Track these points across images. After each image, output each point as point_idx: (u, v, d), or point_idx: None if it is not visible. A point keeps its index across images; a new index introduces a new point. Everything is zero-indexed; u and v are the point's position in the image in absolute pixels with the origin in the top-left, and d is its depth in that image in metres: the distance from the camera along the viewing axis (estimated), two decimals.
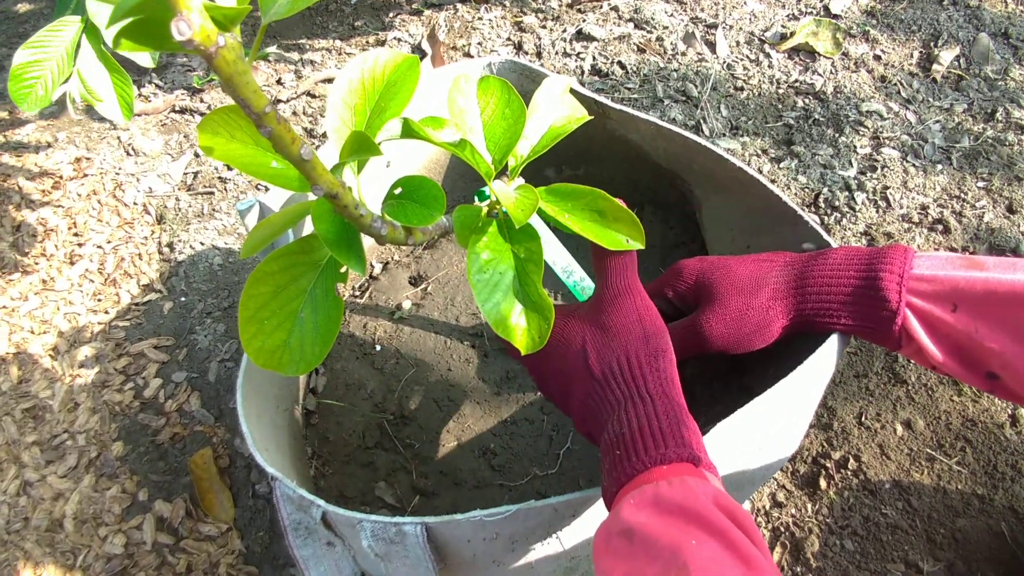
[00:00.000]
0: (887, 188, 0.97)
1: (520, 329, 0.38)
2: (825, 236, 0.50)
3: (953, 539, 0.70)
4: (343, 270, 0.36)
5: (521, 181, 0.43)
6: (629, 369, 0.38)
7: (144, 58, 0.87)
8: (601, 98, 0.57)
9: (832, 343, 0.44)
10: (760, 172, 0.99)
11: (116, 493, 0.77)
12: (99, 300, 0.97)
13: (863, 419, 0.78)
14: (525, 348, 0.39)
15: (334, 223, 0.34)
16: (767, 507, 0.73)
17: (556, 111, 0.43)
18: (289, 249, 0.36)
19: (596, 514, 0.41)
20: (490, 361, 0.62)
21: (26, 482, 0.79)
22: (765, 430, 0.44)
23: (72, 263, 1.01)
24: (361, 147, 0.33)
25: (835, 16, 1.21)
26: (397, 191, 0.36)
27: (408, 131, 0.37)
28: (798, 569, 0.69)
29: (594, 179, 0.65)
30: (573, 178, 0.53)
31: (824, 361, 0.44)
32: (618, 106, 0.56)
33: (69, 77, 0.83)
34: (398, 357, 0.63)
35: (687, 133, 0.54)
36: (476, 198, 0.45)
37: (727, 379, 0.59)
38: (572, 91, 0.58)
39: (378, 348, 0.63)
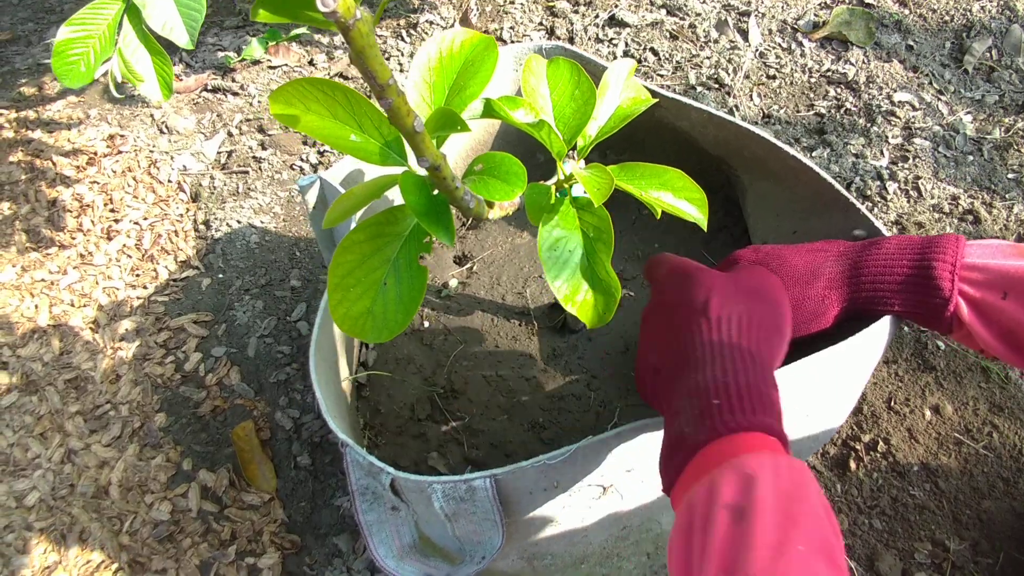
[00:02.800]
0: (919, 178, 0.97)
1: (587, 305, 0.39)
2: (876, 224, 0.51)
3: (978, 519, 0.72)
4: (426, 240, 0.37)
5: (581, 164, 0.44)
6: (748, 326, 0.37)
7: (183, 38, 0.88)
8: (653, 86, 0.58)
9: (885, 323, 0.45)
10: None
11: (161, 462, 0.79)
12: (137, 275, 0.99)
13: (892, 404, 0.79)
14: (590, 323, 0.40)
15: (422, 195, 0.35)
16: None
17: (623, 94, 0.44)
18: (375, 220, 0.37)
19: (648, 473, 0.43)
20: (537, 339, 0.63)
21: (70, 450, 0.82)
22: (813, 394, 0.45)
23: (110, 238, 1.03)
24: (447, 123, 0.34)
25: (868, 5, 1.21)
26: (478, 167, 0.37)
27: (489, 111, 0.38)
28: None
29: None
30: (618, 163, 0.54)
31: (876, 337, 0.45)
32: (671, 95, 0.57)
33: (110, 56, 0.84)
34: (446, 334, 0.64)
35: (740, 121, 0.55)
36: None
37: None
38: None
39: (426, 324, 0.65)
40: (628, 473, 0.42)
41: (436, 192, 0.36)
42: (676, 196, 0.41)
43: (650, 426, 0.40)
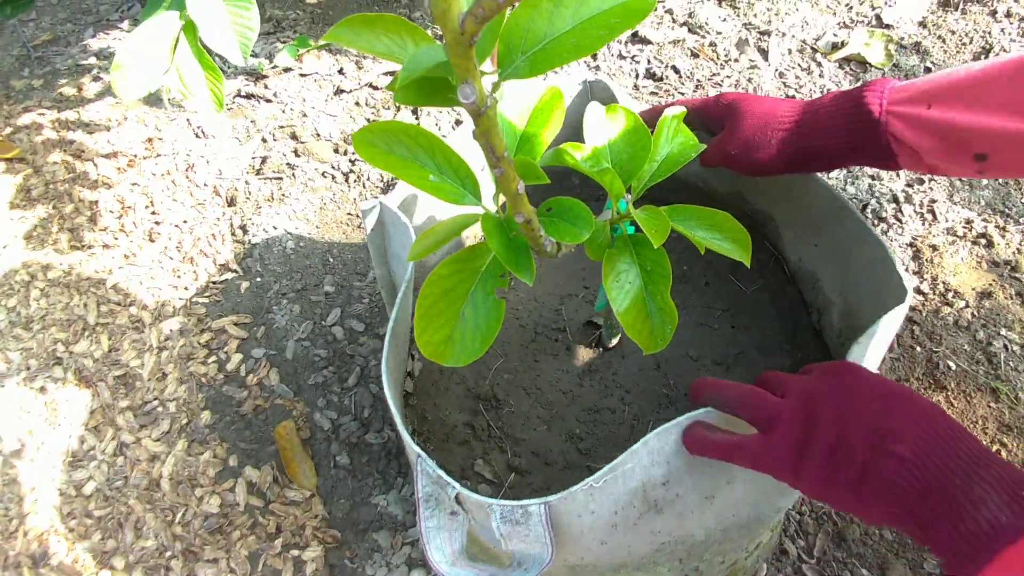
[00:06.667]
0: (934, 201, 1.01)
1: (646, 331, 0.44)
2: (869, 228, 0.56)
3: None
4: (502, 276, 0.41)
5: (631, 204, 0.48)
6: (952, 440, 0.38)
7: (236, 56, 0.91)
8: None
9: None
10: None
11: (208, 458, 0.84)
12: (179, 277, 1.03)
13: None
14: (647, 348, 0.44)
15: (503, 237, 0.39)
16: None
17: (674, 140, 0.48)
18: (457, 257, 0.41)
19: (680, 487, 0.47)
20: (572, 354, 0.67)
21: (122, 443, 0.86)
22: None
23: (152, 240, 1.07)
24: (528, 174, 0.38)
25: (887, 26, 1.24)
26: (548, 210, 0.41)
27: (559, 159, 0.42)
28: (839, 555, 0.75)
29: (671, 193, 0.70)
30: (648, 198, 0.58)
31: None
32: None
33: (167, 71, 0.88)
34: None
35: None
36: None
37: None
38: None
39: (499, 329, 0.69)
40: (664, 487, 0.46)
41: (514, 234, 0.40)
42: (723, 236, 0.45)
43: (671, 430, 0.44)
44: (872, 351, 0.47)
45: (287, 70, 1.33)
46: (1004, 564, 0.35)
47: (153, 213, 1.11)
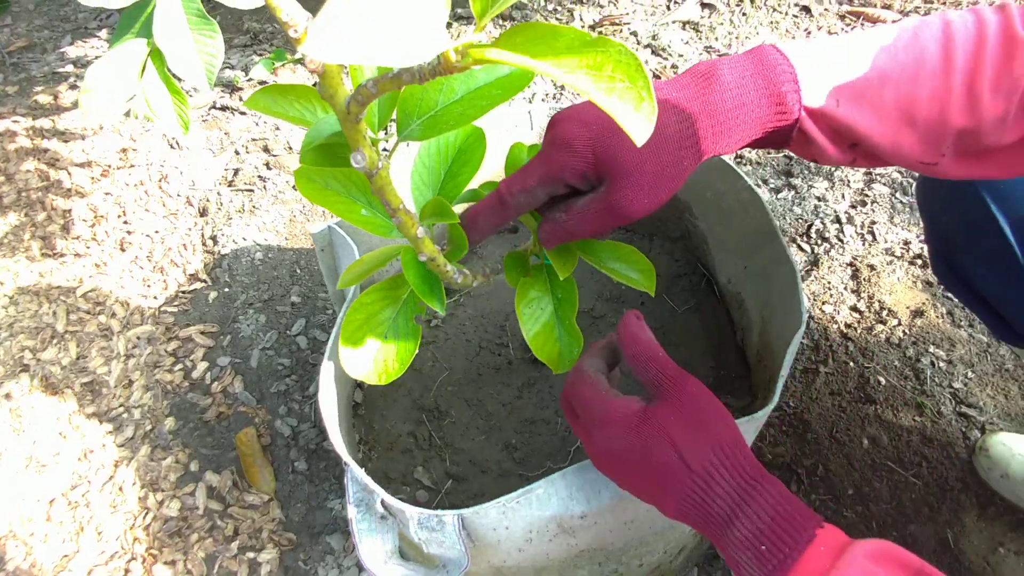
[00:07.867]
0: (875, 223, 1.06)
1: (554, 353, 0.48)
2: (788, 253, 0.59)
3: (904, 542, 0.81)
4: (420, 304, 0.45)
5: None
6: (729, 460, 0.40)
7: (201, 82, 0.95)
8: None
9: None
10: None
11: (170, 463, 0.87)
12: (148, 286, 1.06)
13: (834, 432, 0.88)
14: (557, 368, 0.48)
15: (419, 272, 0.43)
16: None
17: None
18: (381, 286, 0.45)
19: (599, 518, 0.51)
20: (514, 368, 0.71)
21: (87, 449, 0.89)
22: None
23: (123, 250, 1.10)
24: (439, 213, 0.42)
25: None
26: None
27: (475, 197, 0.46)
28: None
29: None
30: None
31: None
32: None
33: (134, 95, 0.91)
34: (434, 360, 0.72)
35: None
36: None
37: None
38: None
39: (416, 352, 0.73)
40: (582, 520, 0.50)
41: (429, 268, 0.44)
42: (629, 267, 0.49)
43: (589, 468, 0.48)
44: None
45: (262, 83, 1.36)
46: None
47: (125, 223, 1.14)
